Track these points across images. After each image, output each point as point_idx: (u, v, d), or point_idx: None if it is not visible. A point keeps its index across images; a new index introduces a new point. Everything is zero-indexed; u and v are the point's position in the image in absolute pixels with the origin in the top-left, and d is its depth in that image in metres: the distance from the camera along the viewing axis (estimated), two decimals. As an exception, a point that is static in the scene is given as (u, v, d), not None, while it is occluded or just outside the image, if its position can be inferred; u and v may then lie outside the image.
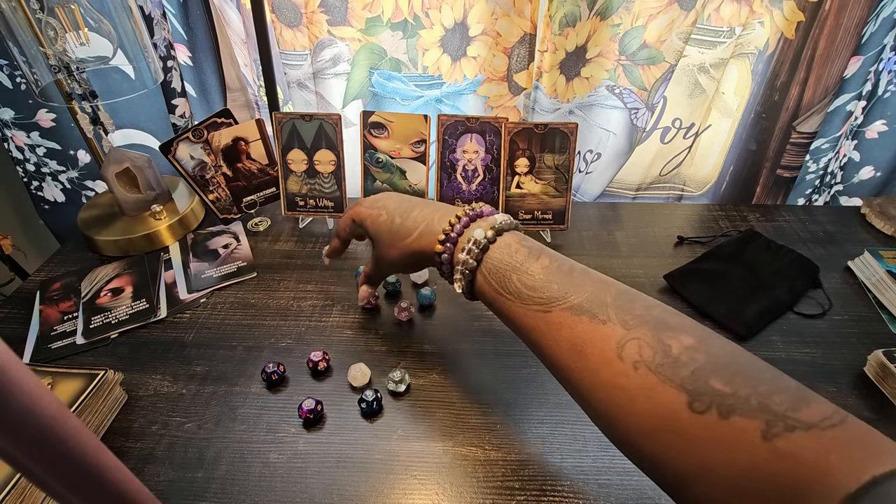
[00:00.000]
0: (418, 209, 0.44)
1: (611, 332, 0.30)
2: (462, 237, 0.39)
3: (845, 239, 0.69)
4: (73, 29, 0.55)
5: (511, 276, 0.36)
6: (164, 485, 0.42)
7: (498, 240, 0.37)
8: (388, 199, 0.47)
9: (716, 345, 0.27)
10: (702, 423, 0.25)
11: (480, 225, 0.38)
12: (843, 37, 0.68)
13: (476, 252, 0.37)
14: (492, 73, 0.76)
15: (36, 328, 0.57)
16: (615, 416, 0.29)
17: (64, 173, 0.78)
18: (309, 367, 0.51)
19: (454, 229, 0.39)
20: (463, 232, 0.39)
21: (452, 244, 0.39)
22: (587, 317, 0.31)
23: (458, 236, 0.39)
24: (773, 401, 0.24)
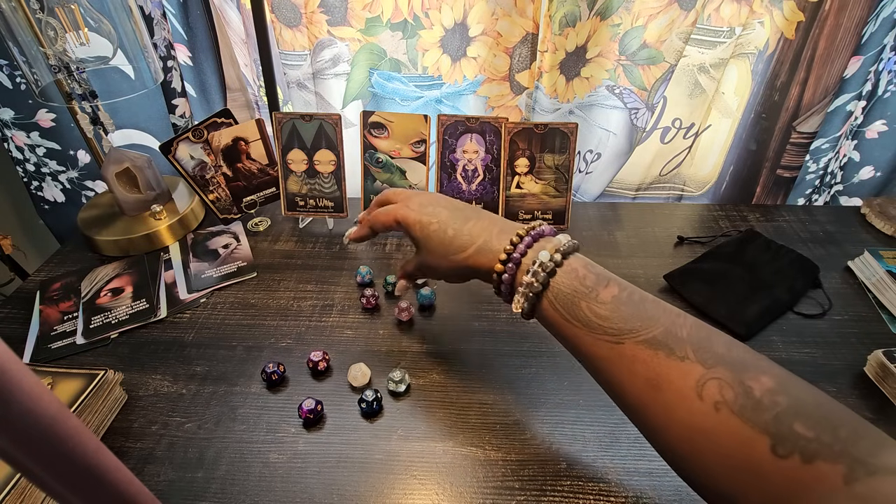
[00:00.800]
0: (473, 221, 0.41)
1: (690, 370, 0.29)
2: (525, 258, 0.37)
3: (845, 239, 0.69)
4: (73, 29, 0.55)
5: (580, 304, 0.34)
6: (164, 485, 0.42)
7: (564, 263, 0.36)
8: (439, 206, 0.43)
9: (796, 387, 0.27)
10: (784, 467, 0.25)
11: (545, 246, 0.37)
12: (843, 37, 0.68)
13: (542, 276, 0.35)
14: (492, 73, 0.76)
15: (36, 328, 0.57)
16: (692, 454, 0.29)
17: (64, 173, 0.78)
18: (309, 367, 0.51)
19: (517, 249, 0.37)
20: (526, 252, 0.37)
21: (515, 265, 0.37)
22: (664, 352, 0.31)
23: (522, 257, 0.37)
24: (855, 446, 0.24)
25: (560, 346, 0.37)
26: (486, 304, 0.60)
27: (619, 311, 0.33)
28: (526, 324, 0.57)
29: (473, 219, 0.42)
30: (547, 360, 0.53)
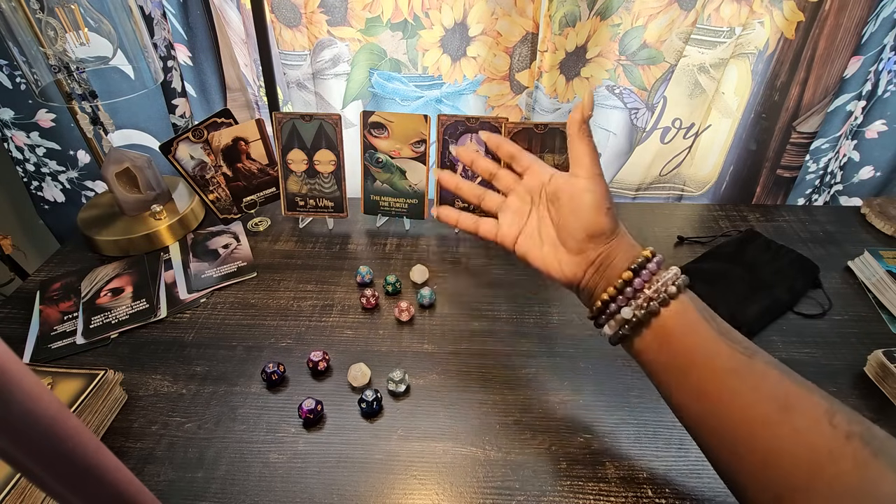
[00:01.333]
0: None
1: (817, 399, 0.30)
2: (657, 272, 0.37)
3: (845, 239, 0.69)
4: (73, 29, 0.55)
5: (716, 315, 0.35)
6: (164, 485, 0.42)
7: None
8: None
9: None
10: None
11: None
12: (843, 37, 0.68)
13: (681, 281, 0.36)
14: (492, 73, 0.76)
15: (36, 328, 0.57)
16: (809, 479, 0.28)
17: (64, 173, 0.78)
18: (309, 367, 0.51)
19: (653, 259, 0.37)
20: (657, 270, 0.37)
21: (651, 272, 0.36)
22: (790, 379, 0.31)
23: (658, 267, 0.37)
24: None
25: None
26: (486, 304, 0.60)
27: (738, 333, 0.34)
28: (526, 324, 0.57)
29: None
30: (547, 361, 0.53)
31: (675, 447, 0.45)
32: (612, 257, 0.39)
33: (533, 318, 0.58)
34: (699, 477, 0.43)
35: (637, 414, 0.47)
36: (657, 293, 0.35)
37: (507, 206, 0.46)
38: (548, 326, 0.57)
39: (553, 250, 0.42)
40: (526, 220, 0.45)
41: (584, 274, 0.40)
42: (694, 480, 0.42)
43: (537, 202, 0.44)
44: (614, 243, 0.39)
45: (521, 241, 0.44)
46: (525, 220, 0.45)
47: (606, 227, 0.39)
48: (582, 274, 0.40)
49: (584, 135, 0.41)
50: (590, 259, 0.39)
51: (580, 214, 0.40)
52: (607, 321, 0.38)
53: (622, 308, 0.36)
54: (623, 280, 0.37)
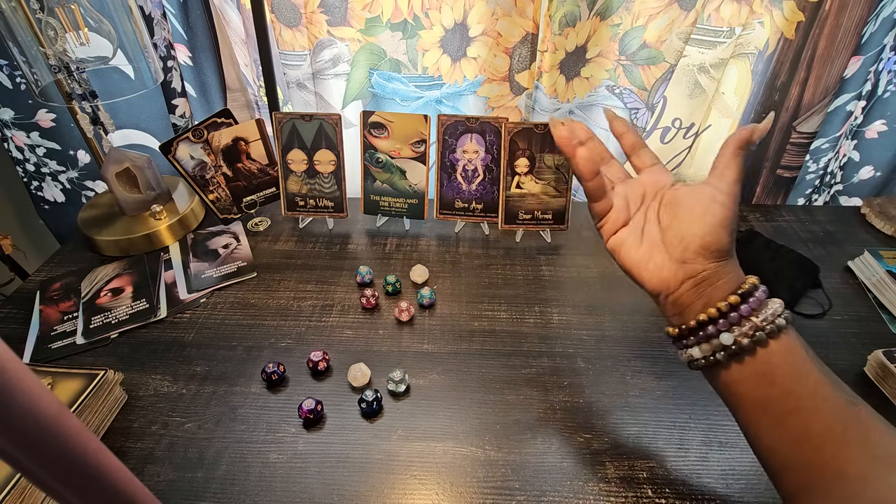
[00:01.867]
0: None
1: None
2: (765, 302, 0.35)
3: (845, 239, 0.69)
4: (73, 29, 0.55)
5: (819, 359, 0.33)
6: (164, 485, 0.42)
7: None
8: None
9: None
10: None
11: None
12: (843, 37, 0.68)
13: (788, 314, 0.34)
14: (492, 74, 0.76)
15: (36, 328, 0.57)
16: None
17: (64, 173, 0.78)
18: (309, 367, 0.51)
19: (759, 288, 0.36)
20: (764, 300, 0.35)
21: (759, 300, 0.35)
22: (891, 434, 0.30)
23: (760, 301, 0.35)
24: None
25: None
26: (486, 304, 0.60)
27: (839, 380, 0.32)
28: (526, 324, 0.57)
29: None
30: (547, 361, 0.53)
31: (675, 447, 0.45)
32: (716, 278, 0.36)
33: (533, 318, 0.58)
34: (699, 477, 0.43)
35: (637, 414, 0.47)
36: (766, 322, 0.33)
37: (617, 194, 0.43)
38: (548, 326, 0.57)
39: (651, 251, 0.39)
40: (633, 215, 0.42)
41: (680, 285, 0.37)
42: (694, 480, 0.42)
43: (648, 202, 0.42)
44: (723, 265, 0.37)
45: (620, 233, 0.41)
46: (631, 213, 0.42)
47: (725, 245, 0.36)
48: (677, 284, 0.37)
49: (739, 154, 0.38)
50: (692, 272, 0.37)
51: (703, 223, 0.37)
52: (698, 343, 0.36)
53: (722, 332, 0.34)
54: (729, 303, 0.34)
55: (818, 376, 0.32)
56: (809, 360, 0.33)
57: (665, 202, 0.40)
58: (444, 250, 0.68)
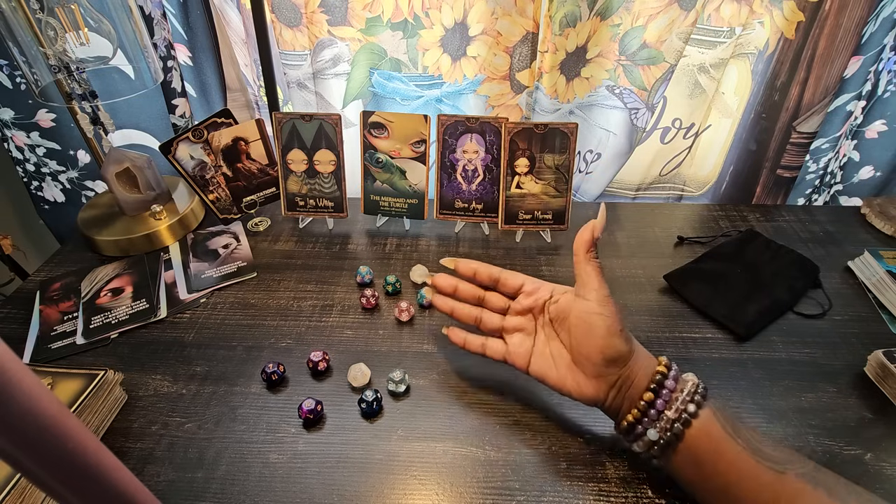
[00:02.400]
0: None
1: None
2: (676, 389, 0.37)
3: (845, 239, 0.69)
4: (73, 29, 0.55)
5: (740, 426, 0.34)
6: (164, 485, 0.42)
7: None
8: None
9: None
10: None
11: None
12: (843, 37, 0.68)
13: (703, 391, 0.35)
14: (492, 73, 0.76)
15: (36, 328, 0.57)
16: None
17: (64, 173, 0.79)
18: (309, 367, 0.51)
19: (672, 369, 0.38)
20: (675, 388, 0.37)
21: (670, 391, 0.36)
22: (824, 491, 0.30)
23: (676, 381, 0.37)
24: None
25: None
26: (486, 304, 0.60)
27: (768, 440, 0.33)
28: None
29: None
30: (547, 360, 0.53)
31: (675, 447, 0.45)
32: (631, 377, 0.38)
33: (533, 318, 0.58)
34: (699, 477, 0.43)
35: (637, 414, 0.47)
36: (678, 413, 0.35)
37: (511, 325, 0.46)
38: (548, 326, 0.57)
39: (570, 373, 0.41)
40: (534, 340, 0.44)
41: (607, 396, 0.39)
42: (694, 480, 0.42)
43: (541, 320, 0.44)
44: (631, 363, 0.39)
45: (534, 362, 0.43)
46: (533, 339, 0.44)
47: (623, 350, 0.39)
48: (604, 397, 0.40)
49: (591, 256, 0.41)
50: (610, 382, 0.39)
51: (594, 340, 0.39)
52: (635, 441, 0.38)
53: (648, 430, 0.36)
54: (645, 402, 0.37)
55: (737, 452, 0.33)
56: (726, 437, 0.34)
57: (555, 318, 0.43)
58: (444, 250, 0.68)
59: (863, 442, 0.45)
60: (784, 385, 0.50)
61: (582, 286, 0.41)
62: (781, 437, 0.45)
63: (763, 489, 0.31)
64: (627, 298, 0.60)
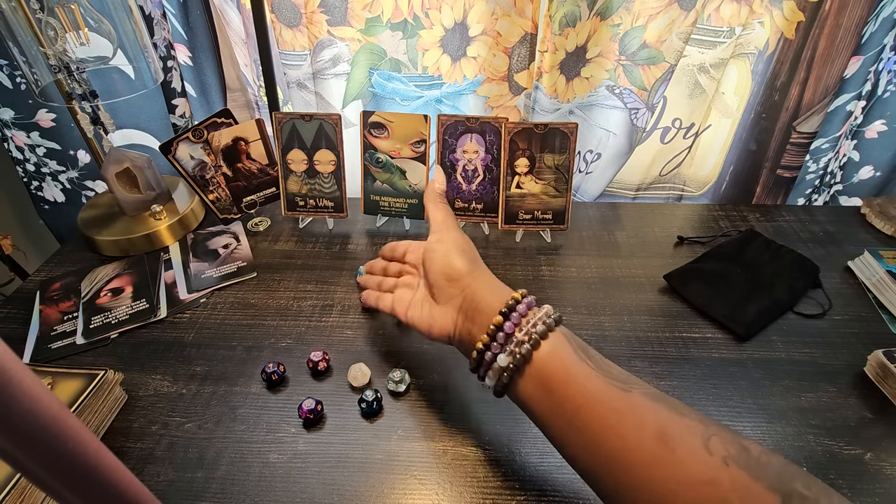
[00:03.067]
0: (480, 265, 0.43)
1: (692, 425, 0.29)
2: (528, 314, 0.36)
3: (845, 239, 0.69)
4: (73, 29, 0.55)
5: (588, 349, 0.35)
6: (164, 485, 0.42)
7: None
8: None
9: (773, 453, 0.28)
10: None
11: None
12: (843, 37, 0.68)
13: (550, 321, 0.35)
14: (492, 74, 0.76)
15: (36, 328, 0.57)
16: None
17: (64, 173, 0.78)
18: (309, 367, 0.51)
19: (522, 301, 0.37)
20: (526, 313, 0.36)
21: (521, 315, 0.36)
22: (663, 405, 0.30)
23: (528, 309, 0.37)
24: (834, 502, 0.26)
25: None
26: (486, 304, 0.60)
27: (615, 364, 0.33)
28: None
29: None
30: (547, 360, 0.53)
31: (675, 447, 0.45)
32: (478, 300, 0.39)
33: (533, 318, 0.58)
34: (699, 477, 0.43)
35: (637, 414, 0.47)
36: (528, 335, 0.34)
37: (400, 283, 0.49)
38: (548, 326, 0.57)
39: (429, 308, 0.43)
40: (415, 292, 0.47)
41: (456, 323, 0.40)
42: (694, 480, 0.42)
43: (422, 273, 0.46)
44: (475, 283, 0.40)
45: (410, 310, 0.45)
46: (415, 291, 0.47)
47: (459, 265, 0.41)
48: (453, 324, 0.40)
49: (438, 201, 0.48)
50: (457, 305, 0.40)
51: (437, 262, 0.42)
52: (486, 372, 0.37)
53: (498, 356, 0.35)
54: (494, 325, 0.36)
55: (587, 371, 0.33)
56: (577, 359, 0.33)
57: (420, 265, 0.47)
58: (444, 250, 0.68)
59: (863, 442, 0.45)
60: (784, 385, 0.50)
61: (430, 225, 0.46)
62: (781, 437, 0.45)
63: (609, 410, 0.31)
64: (627, 298, 0.60)
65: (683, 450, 0.28)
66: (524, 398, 0.35)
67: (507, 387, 0.36)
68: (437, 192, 0.49)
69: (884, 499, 0.41)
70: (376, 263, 0.55)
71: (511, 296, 0.37)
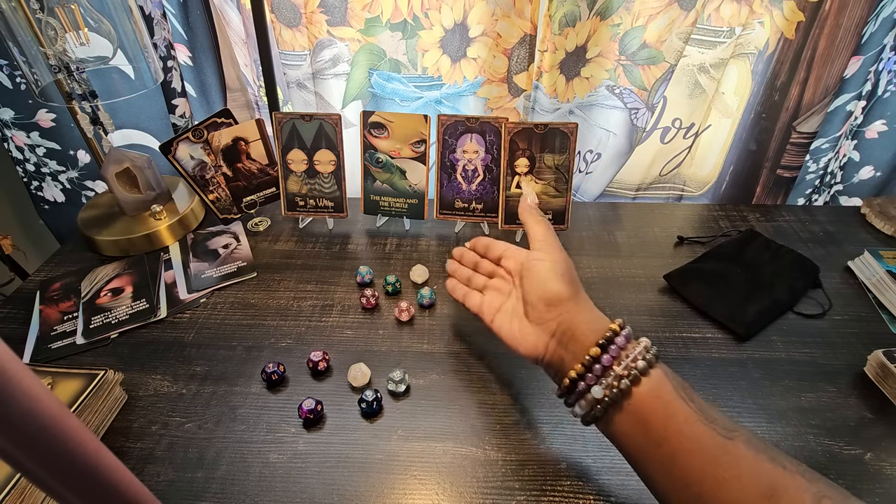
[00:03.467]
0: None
1: (798, 482, 0.28)
2: (627, 347, 0.35)
3: (845, 239, 0.69)
4: (73, 29, 0.55)
5: (689, 389, 0.33)
6: (164, 485, 0.42)
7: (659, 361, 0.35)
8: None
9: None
10: None
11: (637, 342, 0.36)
12: (843, 37, 0.68)
13: (650, 356, 0.34)
14: (492, 75, 0.76)
15: (36, 328, 0.57)
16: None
17: (64, 173, 0.78)
18: (309, 367, 0.51)
19: (621, 332, 0.36)
20: (626, 345, 0.35)
21: (620, 347, 0.35)
22: (767, 457, 0.29)
23: (627, 342, 0.36)
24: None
25: None
26: (486, 304, 0.60)
27: (715, 405, 0.32)
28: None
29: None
30: (547, 360, 0.53)
31: (675, 447, 0.45)
32: (573, 329, 0.38)
33: (533, 318, 0.58)
34: (699, 477, 0.42)
35: (637, 414, 0.47)
36: (627, 370, 0.34)
37: (491, 286, 0.48)
38: (548, 326, 0.57)
39: (519, 323, 0.42)
40: (506, 299, 0.45)
41: (547, 347, 0.39)
42: (694, 480, 0.42)
43: (517, 283, 0.45)
44: (573, 311, 0.39)
45: (497, 318, 0.45)
46: (506, 299, 0.46)
47: (560, 290, 0.39)
48: (544, 347, 0.39)
49: (536, 214, 0.46)
50: (550, 329, 0.39)
51: (535, 282, 0.41)
52: (577, 401, 0.36)
53: (592, 387, 0.35)
54: (591, 356, 0.35)
55: (688, 414, 0.32)
56: (678, 398, 0.32)
57: (521, 277, 0.44)
58: (444, 250, 0.68)
59: (863, 442, 0.45)
60: (784, 385, 0.50)
61: (530, 239, 0.44)
62: (781, 437, 0.45)
63: (709, 458, 0.30)
64: (627, 298, 0.60)
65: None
66: (617, 433, 0.35)
67: (598, 419, 0.35)
68: (532, 205, 0.47)
69: (884, 499, 0.41)
70: (467, 255, 0.52)
71: (609, 326, 0.36)
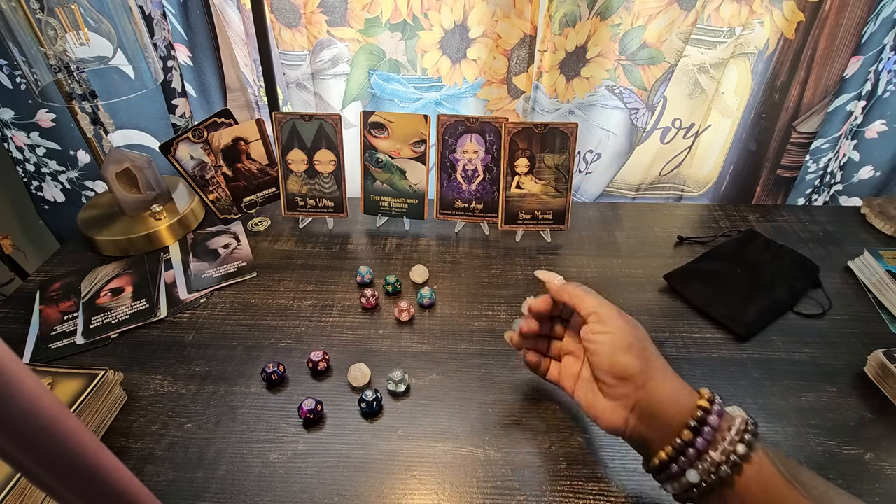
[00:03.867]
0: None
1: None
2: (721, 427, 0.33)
3: (845, 239, 0.69)
4: (73, 29, 0.55)
5: (798, 469, 0.31)
6: (164, 485, 0.42)
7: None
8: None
9: None
10: None
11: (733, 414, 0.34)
12: (843, 37, 0.68)
13: (751, 436, 0.32)
14: (492, 76, 0.76)
15: (36, 328, 0.57)
16: None
17: (64, 173, 0.78)
18: (309, 367, 0.51)
19: (715, 402, 0.34)
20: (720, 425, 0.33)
21: (714, 429, 0.32)
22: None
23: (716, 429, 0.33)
24: None
25: None
26: (486, 304, 0.60)
27: (822, 480, 0.30)
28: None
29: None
30: (547, 360, 0.53)
31: (675, 447, 0.45)
32: (653, 405, 0.35)
33: (533, 318, 0.58)
34: (699, 477, 0.42)
35: (637, 414, 0.47)
36: (725, 455, 0.31)
37: (565, 348, 0.44)
38: (548, 326, 0.57)
39: (594, 397, 0.39)
40: (581, 366, 0.42)
41: (626, 422, 0.37)
42: (694, 480, 0.42)
43: (583, 354, 0.42)
44: (649, 385, 0.35)
45: (578, 386, 0.41)
46: (580, 364, 0.42)
47: (629, 366, 0.36)
48: (623, 422, 0.37)
49: (572, 288, 0.41)
50: (627, 405, 0.36)
51: (600, 359, 0.37)
52: (669, 482, 0.34)
53: (687, 471, 0.32)
54: (682, 441, 0.33)
55: (792, 494, 0.30)
56: (785, 485, 0.30)
57: (584, 349, 0.40)
58: (444, 250, 0.68)
59: (863, 442, 0.45)
60: (784, 385, 0.50)
61: (583, 314, 0.40)
62: (781, 437, 0.45)
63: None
64: (627, 298, 0.60)
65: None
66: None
67: (694, 500, 0.33)
68: (560, 283, 0.42)
69: (884, 499, 0.41)
70: (535, 321, 0.44)
71: (697, 403, 0.34)
